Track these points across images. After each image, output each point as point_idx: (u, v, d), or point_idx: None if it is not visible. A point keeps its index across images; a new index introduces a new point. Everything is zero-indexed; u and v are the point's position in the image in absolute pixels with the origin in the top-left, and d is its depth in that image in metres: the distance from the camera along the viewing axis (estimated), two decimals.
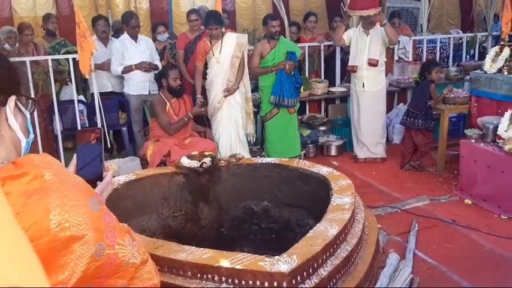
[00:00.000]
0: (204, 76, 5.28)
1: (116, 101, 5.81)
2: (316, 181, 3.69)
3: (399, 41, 6.40)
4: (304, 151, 5.88)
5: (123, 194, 3.63)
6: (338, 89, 6.63)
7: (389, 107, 6.20)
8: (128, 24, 5.65)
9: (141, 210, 3.72)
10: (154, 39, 6.21)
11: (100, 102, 5.11)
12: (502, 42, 5.26)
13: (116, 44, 5.66)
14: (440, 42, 7.98)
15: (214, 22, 5.02)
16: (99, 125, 5.13)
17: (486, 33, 7.97)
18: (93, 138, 1.26)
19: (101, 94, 5.29)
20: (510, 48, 4.93)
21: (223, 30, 5.13)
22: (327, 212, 3.05)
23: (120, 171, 4.42)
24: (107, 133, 5.15)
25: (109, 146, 5.34)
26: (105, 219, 0.94)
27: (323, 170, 3.76)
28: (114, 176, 2.39)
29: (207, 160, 3.88)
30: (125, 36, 5.66)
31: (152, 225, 3.75)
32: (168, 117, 4.73)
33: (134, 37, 5.63)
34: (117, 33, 6.19)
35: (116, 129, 5.86)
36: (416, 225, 3.97)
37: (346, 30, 5.66)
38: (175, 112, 4.79)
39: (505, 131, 4.22)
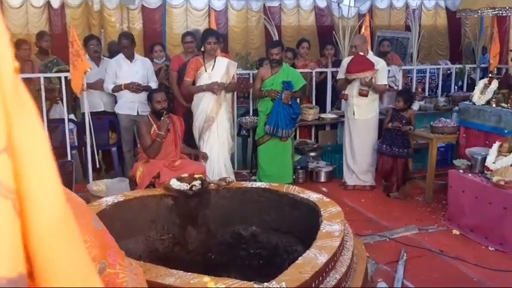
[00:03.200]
0: (190, 100, 5.30)
1: (107, 121, 5.79)
2: (306, 207, 3.68)
3: (389, 70, 6.49)
4: (294, 176, 5.89)
5: (110, 215, 3.57)
6: (328, 115, 6.67)
7: (379, 135, 6.23)
8: (119, 43, 5.71)
9: (129, 232, 3.67)
10: (151, 60, 6.22)
11: (90, 122, 5.08)
12: (490, 75, 5.37)
13: (112, 63, 5.68)
14: (430, 72, 8.11)
15: (214, 36, 5.11)
16: (89, 145, 5.10)
17: (474, 65, 8.12)
18: None
19: (93, 113, 5.27)
20: (498, 81, 5.02)
21: (219, 49, 5.18)
22: (317, 239, 3.03)
23: (108, 192, 4.39)
24: (95, 153, 5.11)
25: (97, 166, 5.29)
26: (108, 238, 0.93)
27: (313, 196, 3.75)
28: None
29: (197, 183, 3.85)
30: (121, 55, 5.68)
31: (139, 248, 3.70)
32: (151, 140, 4.71)
33: (130, 57, 5.65)
34: (112, 54, 6.21)
35: (105, 149, 5.82)
36: (405, 254, 3.96)
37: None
38: None
39: (493, 162, 4.27)
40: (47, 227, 0.65)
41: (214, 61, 5.13)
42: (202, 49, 5.17)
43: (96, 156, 5.16)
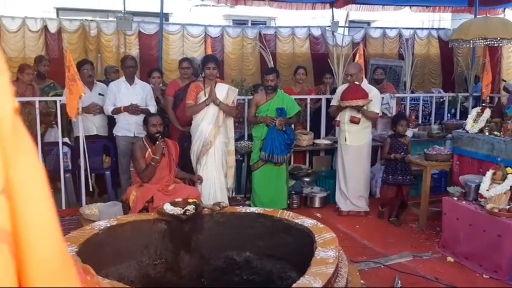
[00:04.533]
0: (186, 124, 5.34)
1: (101, 144, 5.79)
2: (300, 233, 3.65)
3: (383, 98, 6.55)
4: (288, 201, 5.89)
5: (103, 239, 3.55)
6: (323, 141, 6.71)
7: (372, 162, 6.27)
8: (123, 64, 5.82)
9: (121, 257, 3.63)
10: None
11: (85, 145, 5.08)
12: (483, 104, 5.42)
13: (111, 86, 5.77)
14: (423, 100, 8.20)
15: (214, 61, 5.22)
16: (83, 169, 5.09)
17: (467, 94, 8.22)
18: None
19: (86, 137, 5.28)
20: (491, 110, 5.08)
21: (217, 75, 5.25)
22: (311, 266, 3.00)
23: (101, 216, 4.35)
24: (89, 176, 5.10)
25: (91, 190, 5.26)
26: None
27: (307, 221, 3.73)
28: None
29: (191, 207, 3.83)
30: (122, 78, 5.81)
31: (131, 273, 3.65)
32: (146, 164, 4.70)
33: (130, 80, 5.72)
34: (108, 79, 6.25)
35: (99, 173, 5.80)
36: (399, 281, 3.93)
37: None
38: None
39: (487, 190, 4.28)
40: (44, 270, 0.64)
41: (215, 86, 5.19)
42: (203, 74, 5.25)
43: (90, 180, 5.13)
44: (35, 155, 0.66)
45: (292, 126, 5.94)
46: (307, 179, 6.38)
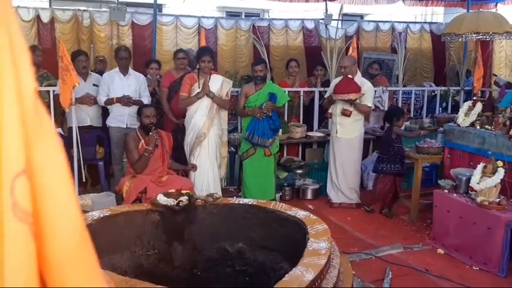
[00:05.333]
0: (180, 116, 5.34)
1: (94, 135, 5.78)
2: (293, 224, 3.68)
3: (375, 91, 6.58)
4: (280, 193, 5.92)
5: (96, 230, 3.54)
6: (316, 133, 6.74)
7: (364, 154, 6.30)
8: (116, 55, 5.80)
9: (114, 247, 3.64)
10: (145, 75, 6.23)
11: (78, 136, 5.07)
12: (474, 98, 5.47)
13: (105, 76, 5.76)
14: (415, 93, 8.24)
15: (209, 54, 5.21)
16: (75, 159, 5.07)
17: (459, 88, 8.27)
18: None
19: (79, 128, 5.26)
20: (482, 104, 5.12)
21: (212, 68, 5.25)
22: (303, 257, 3.03)
23: (94, 207, 4.36)
24: (82, 167, 5.09)
25: (84, 180, 5.25)
26: None
27: (300, 213, 3.76)
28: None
29: (184, 198, 3.84)
30: (116, 69, 5.79)
31: (124, 264, 3.67)
32: (139, 155, 4.71)
33: (124, 71, 5.71)
34: (95, 69, 6.22)
35: (92, 163, 5.79)
36: (390, 273, 3.98)
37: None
38: None
39: (478, 183, 4.33)
40: (64, 253, 0.65)
41: (209, 78, 5.19)
42: (198, 67, 5.25)
43: (83, 170, 5.12)
44: (56, 139, 0.66)
45: (286, 118, 5.95)
46: (299, 171, 6.41)
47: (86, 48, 8.19)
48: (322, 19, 10.25)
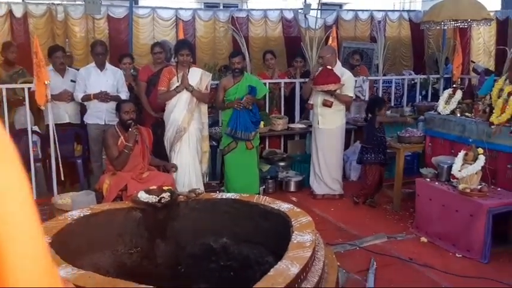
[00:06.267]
0: (159, 110, 5.27)
1: (72, 132, 5.67)
2: (277, 218, 3.65)
3: (356, 81, 6.57)
4: (263, 186, 5.88)
5: (76, 229, 3.48)
6: (297, 125, 6.71)
7: (346, 145, 6.30)
8: (92, 50, 5.68)
9: (95, 246, 3.57)
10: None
11: (55, 133, 4.96)
12: (454, 85, 5.48)
13: (81, 72, 5.64)
14: (395, 82, 8.26)
15: (188, 48, 5.13)
16: (53, 157, 4.97)
17: (438, 76, 8.31)
18: None
19: (58, 125, 5.16)
20: (462, 91, 5.14)
21: (191, 61, 5.17)
22: (288, 250, 3.00)
23: (74, 206, 4.27)
24: (60, 165, 4.99)
25: (62, 179, 5.14)
26: None
27: (283, 206, 3.73)
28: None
29: (166, 195, 3.78)
30: (92, 64, 5.69)
31: (106, 263, 3.60)
32: (118, 151, 4.62)
33: (100, 66, 5.59)
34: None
35: (70, 161, 5.68)
36: (375, 263, 3.98)
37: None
38: None
39: (459, 171, 4.35)
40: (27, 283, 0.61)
41: (188, 71, 5.11)
42: (176, 60, 5.16)
43: (61, 169, 5.02)
44: (18, 163, 0.62)
45: (267, 110, 5.90)
46: (282, 164, 6.39)
47: (61, 43, 8.01)
48: (301, 9, 10.22)
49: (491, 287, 3.67)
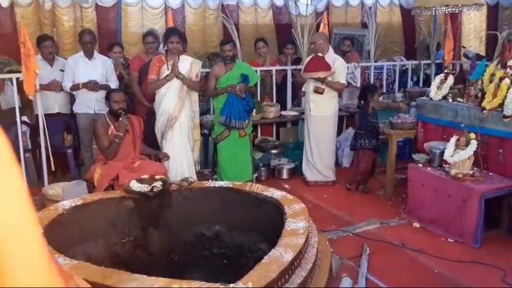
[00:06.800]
0: (152, 99, 5.22)
1: (62, 122, 5.61)
2: (270, 205, 3.65)
3: (348, 67, 6.55)
4: (256, 174, 5.88)
5: (68, 219, 3.46)
6: (289, 112, 6.69)
7: (338, 131, 6.29)
8: (80, 39, 5.61)
9: (88, 236, 3.55)
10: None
11: (44, 123, 4.91)
12: (446, 71, 5.47)
13: (69, 61, 5.58)
14: (386, 68, 8.25)
15: (177, 35, 5.08)
16: (43, 147, 4.92)
17: (429, 61, 8.30)
18: None
19: (47, 115, 5.11)
20: (454, 76, 5.13)
21: (181, 49, 5.12)
22: (282, 237, 3.01)
23: (65, 196, 4.23)
24: (50, 155, 4.93)
25: (53, 169, 5.10)
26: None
27: (276, 193, 3.73)
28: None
29: (158, 184, 3.77)
30: (80, 53, 5.61)
31: (99, 252, 3.58)
32: (109, 141, 4.58)
33: (89, 55, 5.53)
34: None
35: (60, 151, 5.63)
36: (368, 249, 3.99)
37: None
38: None
39: (451, 156, 4.35)
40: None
41: (178, 59, 5.06)
42: (166, 48, 5.11)
43: (51, 159, 4.97)
44: (16, 170, 0.61)
45: (259, 98, 5.87)
46: (274, 151, 6.38)
47: (48, 32, 7.91)
48: None
49: (483, 271, 3.69)
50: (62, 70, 5.61)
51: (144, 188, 3.71)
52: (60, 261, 2.64)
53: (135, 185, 3.74)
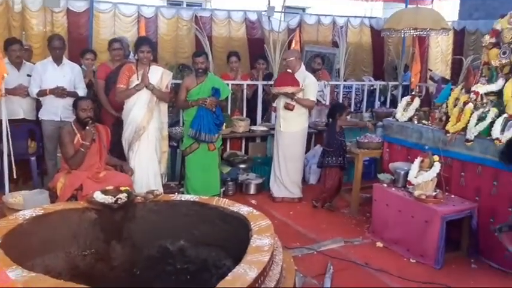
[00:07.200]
0: (120, 109, 5.16)
1: (26, 128, 5.48)
2: (236, 221, 3.63)
3: (318, 84, 6.62)
4: (223, 188, 5.86)
5: (28, 230, 3.36)
6: (259, 128, 6.73)
7: (306, 148, 6.33)
8: (49, 44, 5.50)
9: (47, 248, 3.45)
10: (80, 65, 5.95)
11: (8, 129, 4.77)
12: (413, 93, 5.60)
13: (37, 66, 5.47)
14: (355, 88, 8.39)
15: (148, 44, 5.04)
16: (5, 154, 4.78)
17: (397, 83, 8.48)
18: None
19: (11, 121, 4.96)
20: (420, 99, 5.26)
21: (151, 58, 5.08)
22: (247, 254, 2.99)
23: (26, 205, 4.12)
24: (13, 162, 4.80)
25: (14, 177, 4.96)
26: None
27: (243, 209, 3.71)
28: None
29: (123, 196, 3.70)
30: (49, 58, 5.50)
31: (58, 265, 3.48)
32: (74, 150, 4.49)
33: (57, 60, 5.43)
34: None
35: (23, 158, 5.49)
36: (332, 267, 4.01)
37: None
38: None
39: (415, 177, 4.44)
40: None
41: (149, 69, 5.02)
42: (136, 57, 5.07)
43: (13, 166, 4.83)
44: None
45: (229, 112, 5.88)
46: (243, 166, 6.38)
47: (17, 35, 7.73)
48: (265, 11, 10.22)
49: None
50: (29, 75, 5.49)
51: (108, 199, 3.64)
52: (17, 273, 2.56)
53: (99, 196, 3.66)
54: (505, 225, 3.52)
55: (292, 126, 5.65)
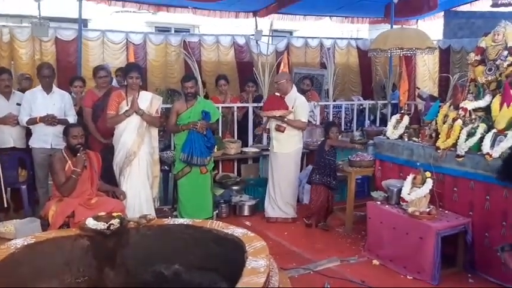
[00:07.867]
0: (108, 135, 5.16)
1: (16, 157, 5.44)
2: (230, 243, 3.60)
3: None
4: (217, 211, 5.84)
5: (20, 259, 3.30)
6: (251, 149, 6.73)
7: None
8: (39, 72, 5.50)
9: (41, 276, 3.40)
10: (69, 93, 5.94)
11: None
12: (402, 111, 5.66)
13: (27, 95, 5.46)
14: (345, 107, 8.46)
15: (137, 70, 5.07)
16: None
17: (386, 102, 8.56)
18: None
19: (2, 150, 4.95)
20: (409, 117, 5.31)
21: (140, 84, 5.10)
22: (242, 276, 2.96)
23: (17, 234, 4.06)
24: (3, 191, 4.75)
25: (5, 206, 4.90)
26: None
27: (237, 231, 3.68)
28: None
29: (115, 221, 3.66)
30: (38, 87, 5.50)
31: None
32: (65, 177, 4.46)
33: (47, 89, 5.43)
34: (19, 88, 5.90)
35: (14, 187, 5.44)
36: (329, 286, 3.98)
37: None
38: None
39: (408, 194, 4.45)
40: None
41: (138, 95, 5.03)
42: (125, 83, 5.09)
43: (4, 195, 4.78)
44: None
45: (220, 134, 5.89)
46: (235, 188, 6.37)
47: (5, 65, 7.75)
48: (253, 35, 10.34)
49: None
50: (18, 104, 5.48)
51: (101, 225, 3.60)
52: None
53: (91, 223, 3.62)
54: (508, 245, 3.51)
55: (284, 148, 5.68)
